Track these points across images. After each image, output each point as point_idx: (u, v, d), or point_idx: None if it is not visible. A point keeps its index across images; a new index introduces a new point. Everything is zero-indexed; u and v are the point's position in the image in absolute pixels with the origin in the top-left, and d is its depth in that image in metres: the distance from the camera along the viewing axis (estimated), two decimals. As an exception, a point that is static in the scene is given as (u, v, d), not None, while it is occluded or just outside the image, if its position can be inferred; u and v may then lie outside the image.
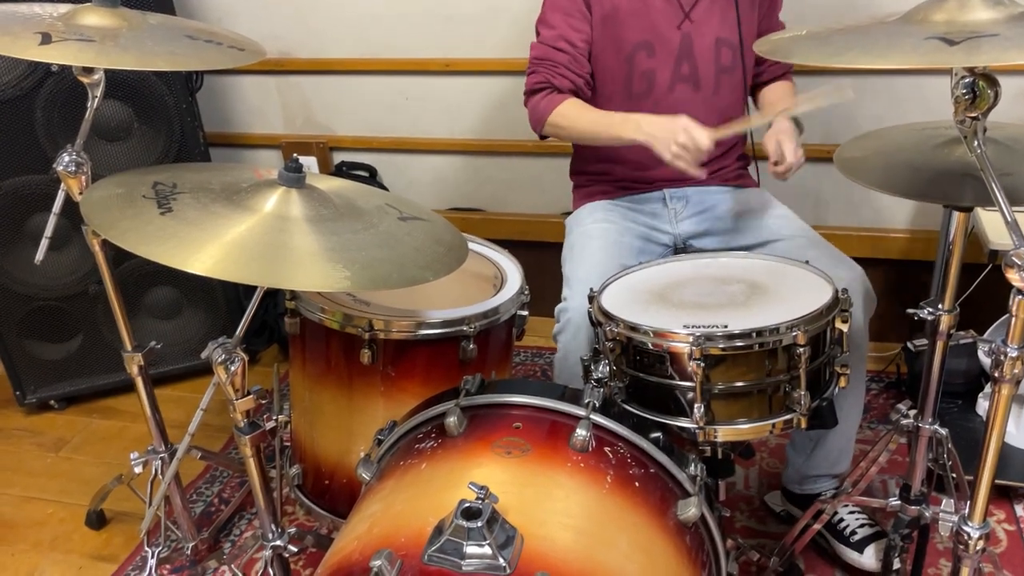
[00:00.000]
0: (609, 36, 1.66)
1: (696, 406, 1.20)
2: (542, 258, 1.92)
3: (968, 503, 1.14)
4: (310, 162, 2.63)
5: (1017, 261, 0.92)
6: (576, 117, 1.64)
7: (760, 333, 1.18)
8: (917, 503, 1.45)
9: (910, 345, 2.19)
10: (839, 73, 2.07)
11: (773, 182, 1.59)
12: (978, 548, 1.14)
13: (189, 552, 1.78)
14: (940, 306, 1.31)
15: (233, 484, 2.06)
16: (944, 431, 1.41)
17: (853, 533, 1.65)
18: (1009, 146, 1.19)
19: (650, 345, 1.22)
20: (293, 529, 1.23)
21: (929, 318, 1.32)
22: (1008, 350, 0.99)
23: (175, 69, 2.05)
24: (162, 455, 1.65)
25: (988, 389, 1.97)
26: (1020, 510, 1.82)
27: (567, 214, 1.85)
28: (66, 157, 1.35)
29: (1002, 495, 1.85)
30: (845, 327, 1.26)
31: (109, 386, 2.39)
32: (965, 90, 0.95)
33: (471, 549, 0.85)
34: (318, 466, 1.59)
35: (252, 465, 1.16)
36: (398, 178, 2.62)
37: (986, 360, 1.97)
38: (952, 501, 1.29)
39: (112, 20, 1.24)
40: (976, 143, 0.97)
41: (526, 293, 1.59)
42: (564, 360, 1.51)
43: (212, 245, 0.97)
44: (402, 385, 1.47)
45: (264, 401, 1.14)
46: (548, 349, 2.54)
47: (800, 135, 1.58)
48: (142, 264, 2.23)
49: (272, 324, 2.58)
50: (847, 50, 0.98)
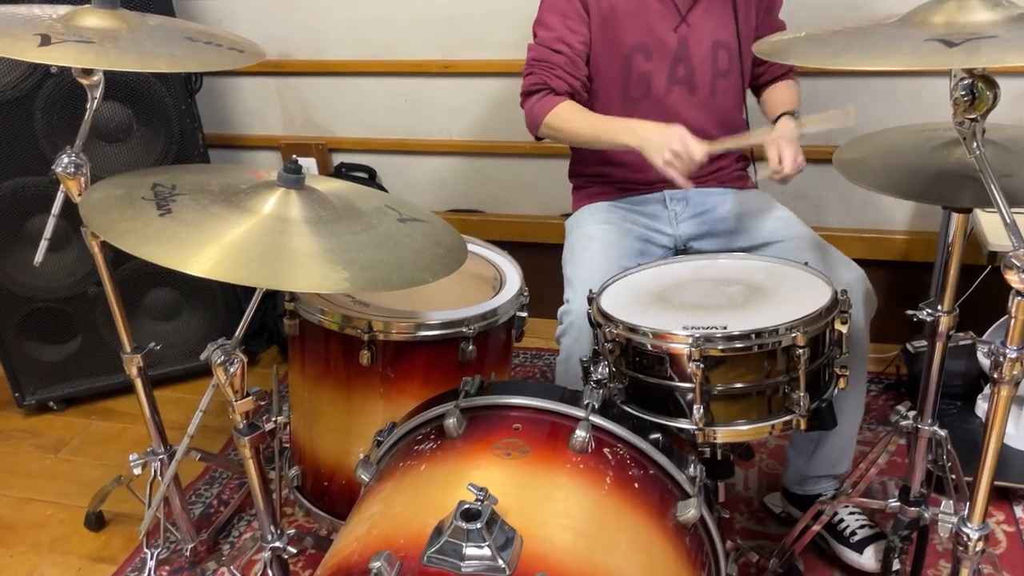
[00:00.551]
0: (607, 38, 1.65)
1: (695, 407, 1.20)
2: (541, 259, 1.92)
3: (967, 504, 1.14)
4: (309, 163, 2.63)
5: (1016, 263, 0.92)
6: (572, 119, 1.64)
7: (759, 334, 1.18)
8: (916, 504, 1.45)
9: (909, 346, 2.18)
10: (839, 73, 2.07)
11: (772, 183, 1.59)
12: (977, 549, 1.14)
13: (188, 553, 1.77)
14: (939, 307, 1.31)
15: (232, 485, 2.06)
16: (943, 432, 1.41)
17: (853, 534, 1.65)
18: (1008, 147, 1.19)
19: (649, 346, 1.22)
20: (292, 530, 1.23)
21: (928, 319, 1.32)
22: (1007, 351, 0.99)
23: (174, 71, 2.05)
24: (161, 456, 1.65)
25: (987, 390, 1.97)
26: (1019, 511, 1.82)
27: (566, 215, 1.85)
28: (65, 158, 1.35)
29: (1001, 496, 1.84)
30: (844, 328, 1.26)
31: (108, 387, 2.39)
32: (964, 92, 0.95)
33: (470, 551, 0.85)
34: (317, 467, 1.59)
35: (251, 466, 1.16)
36: (397, 179, 2.63)
37: (985, 361, 1.96)
38: (951, 502, 1.29)
39: (111, 22, 1.24)
40: (975, 144, 0.97)
41: (525, 294, 1.59)
42: (567, 362, 1.51)
43: (211, 247, 0.97)
44: (401, 386, 1.46)
45: (263, 402, 1.14)
46: (547, 350, 2.54)
47: (801, 137, 1.58)
48: (141, 265, 2.22)
49: (271, 325, 2.57)
50: (846, 51, 0.98)
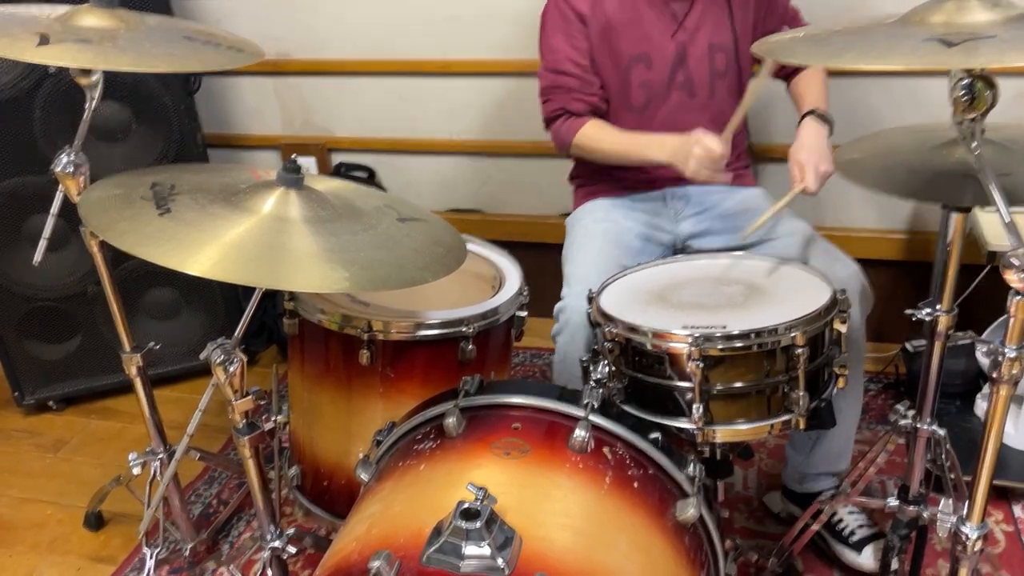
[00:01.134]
0: (606, 50, 1.67)
1: (695, 407, 1.20)
2: (541, 259, 1.92)
3: (966, 504, 1.14)
4: (309, 163, 2.63)
5: (1015, 262, 0.92)
6: (599, 139, 1.68)
7: (759, 334, 1.18)
8: (915, 504, 1.45)
9: (908, 345, 2.18)
10: (838, 73, 2.07)
11: (773, 183, 1.59)
12: (976, 549, 1.14)
13: (187, 553, 1.77)
14: (938, 307, 1.31)
15: (232, 485, 2.06)
16: (942, 432, 1.41)
17: (852, 533, 1.65)
18: (1007, 147, 1.19)
19: (649, 346, 1.22)
20: (292, 530, 1.23)
21: (927, 319, 1.32)
22: (1006, 351, 0.99)
23: (173, 70, 2.03)
24: (161, 456, 1.65)
25: (986, 390, 1.97)
26: (1018, 511, 1.82)
27: (566, 215, 1.85)
28: (64, 158, 1.34)
29: (1000, 496, 1.85)
30: (843, 328, 1.26)
31: (108, 387, 2.39)
32: (963, 91, 0.95)
33: (470, 550, 0.85)
34: (317, 467, 1.59)
35: (251, 466, 1.16)
36: (397, 179, 2.62)
37: (984, 361, 1.96)
38: (950, 502, 1.29)
39: (110, 21, 1.24)
40: (974, 144, 0.97)
41: (525, 294, 1.58)
42: (563, 361, 1.51)
43: (210, 246, 0.97)
44: (401, 386, 1.46)
45: (263, 402, 1.14)
46: (547, 350, 2.54)
47: (831, 135, 1.59)
48: (141, 265, 2.22)
49: (271, 325, 2.57)
50: (846, 51, 0.98)
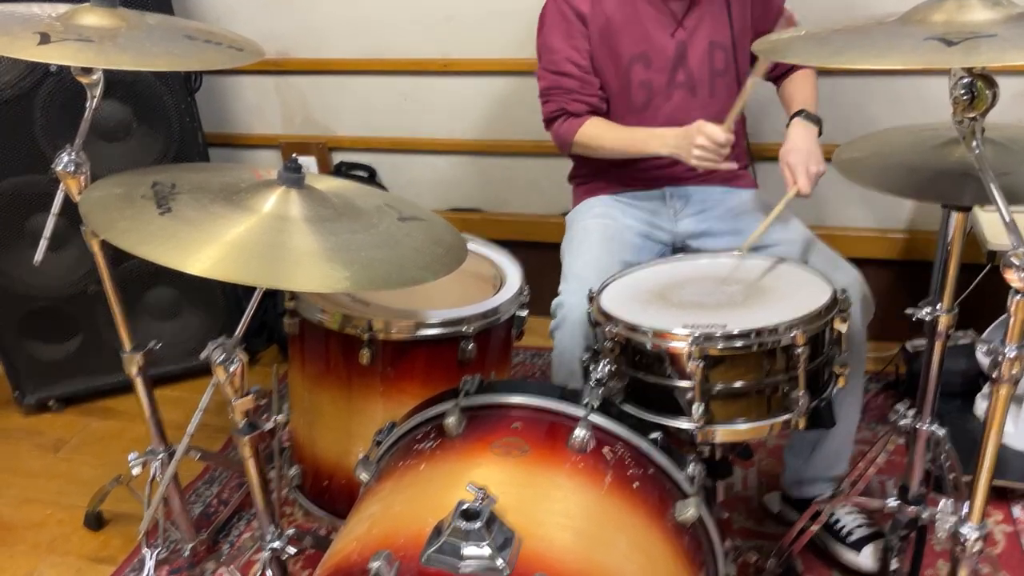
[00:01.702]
0: (606, 50, 1.67)
1: (695, 406, 1.20)
2: (542, 258, 1.92)
3: (966, 504, 1.14)
4: (309, 162, 2.63)
5: (1015, 261, 0.92)
6: (600, 136, 1.68)
7: (759, 333, 1.18)
8: (915, 504, 1.45)
9: (908, 345, 2.18)
10: (838, 72, 2.07)
11: (772, 183, 1.59)
12: (976, 549, 1.14)
13: (188, 553, 1.77)
14: (938, 306, 1.31)
15: (232, 485, 2.06)
16: (942, 431, 1.41)
17: (851, 533, 1.65)
18: (1007, 146, 1.19)
19: (649, 345, 1.22)
20: (292, 530, 1.23)
21: (927, 318, 1.32)
22: (1006, 350, 0.99)
23: (174, 69, 2.05)
24: (161, 456, 1.65)
25: (986, 389, 1.97)
26: (1018, 511, 1.82)
27: (567, 214, 1.85)
28: (65, 157, 1.35)
29: (1000, 496, 1.84)
30: (844, 327, 1.26)
31: (108, 387, 2.39)
32: (963, 91, 0.95)
33: (469, 550, 0.85)
34: (317, 467, 1.59)
35: (251, 466, 1.16)
36: (397, 178, 2.62)
37: (984, 360, 1.96)
38: (950, 502, 1.28)
39: (111, 20, 1.24)
40: (974, 143, 0.97)
41: (525, 293, 1.59)
42: (561, 357, 1.52)
43: (211, 245, 0.97)
44: (401, 386, 1.46)
45: (263, 402, 1.14)
46: (547, 349, 2.51)
47: (820, 134, 1.61)
48: (141, 264, 2.22)
49: (271, 324, 2.57)
50: (846, 50, 0.98)
